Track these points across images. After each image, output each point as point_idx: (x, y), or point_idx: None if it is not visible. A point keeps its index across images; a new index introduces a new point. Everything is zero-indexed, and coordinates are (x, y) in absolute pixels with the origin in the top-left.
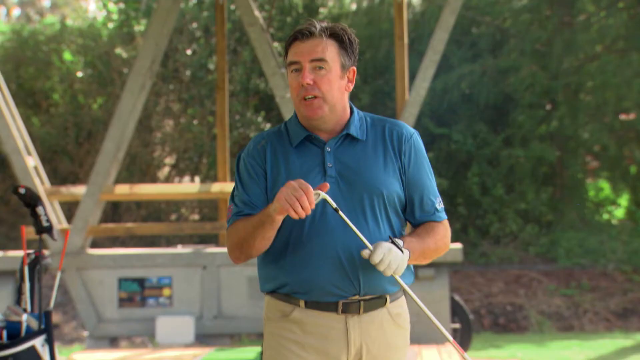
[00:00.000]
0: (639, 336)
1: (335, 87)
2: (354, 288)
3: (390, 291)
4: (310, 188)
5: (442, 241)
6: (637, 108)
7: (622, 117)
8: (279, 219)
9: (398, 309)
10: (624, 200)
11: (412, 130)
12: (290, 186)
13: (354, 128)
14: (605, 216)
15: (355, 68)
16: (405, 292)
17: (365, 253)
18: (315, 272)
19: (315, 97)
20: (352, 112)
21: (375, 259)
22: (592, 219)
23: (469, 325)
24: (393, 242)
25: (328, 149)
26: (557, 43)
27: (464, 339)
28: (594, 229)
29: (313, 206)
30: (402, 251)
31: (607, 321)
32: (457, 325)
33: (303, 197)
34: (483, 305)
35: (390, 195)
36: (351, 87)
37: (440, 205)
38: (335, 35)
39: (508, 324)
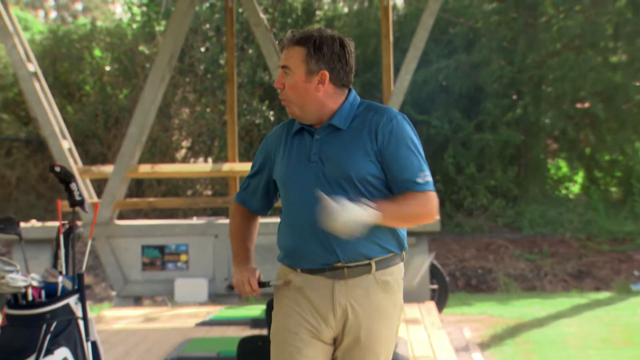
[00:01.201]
0: (592, 295)
1: (299, 90)
2: (333, 257)
3: (373, 256)
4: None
5: (421, 208)
6: (591, 97)
7: (579, 105)
8: None
9: (386, 276)
10: (579, 177)
11: (395, 114)
12: (239, 274)
13: (337, 118)
14: (564, 191)
15: (326, 71)
16: (403, 260)
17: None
18: (299, 245)
19: (285, 99)
20: (345, 102)
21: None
22: (552, 194)
23: (445, 286)
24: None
25: (317, 137)
26: (522, 41)
27: (441, 298)
28: (554, 202)
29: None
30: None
31: (565, 282)
32: (435, 286)
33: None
34: (457, 269)
35: (361, 178)
36: (322, 88)
37: (422, 179)
38: (300, 42)
39: (479, 285)
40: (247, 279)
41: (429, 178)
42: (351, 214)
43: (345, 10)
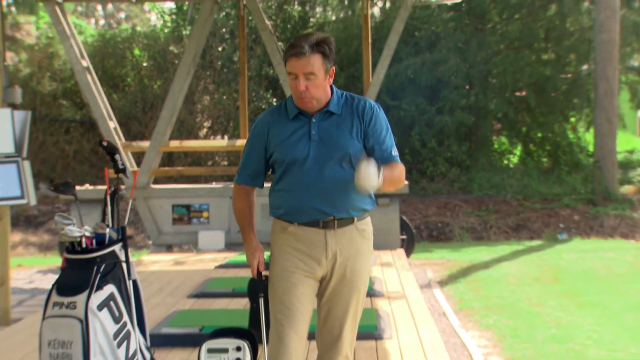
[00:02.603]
0: (527, 243)
1: (321, 87)
2: (329, 212)
3: (355, 214)
4: (256, 263)
5: (402, 174)
6: (527, 87)
7: (517, 94)
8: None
9: (363, 225)
10: (517, 150)
11: (374, 103)
12: (252, 255)
13: (332, 105)
14: (505, 162)
15: (334, 67)
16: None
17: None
18: (302, 204)
19: (309, 98)
20: (332, 92)
21: (362, 169)
22: (496, 164)
23: (412, 236)
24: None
25: (314, 120)
26: (473, 43)
27: (408, 246)
28: (498, 170)
29: (262, 268)
30: (379, 170)
31: (506, 233)
32: (404, 237)
33: (253, 266)
34: (422, 223)
35: (355, 153)
36: (331, 81)
37: (395, 152)
38: (318, 50)
39: (439, 236)
40: (256, 262)
41: (396, 150)
42: (372, 178)
43: (333, 18)
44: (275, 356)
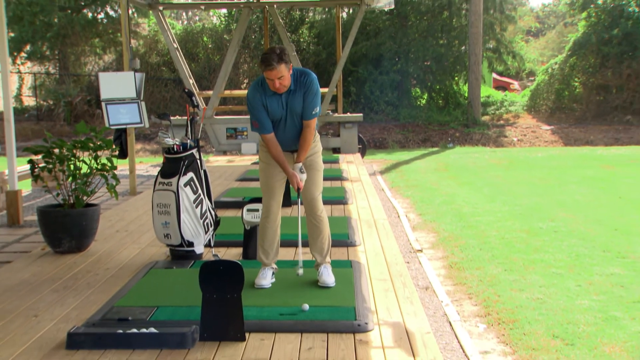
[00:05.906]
0: (430, 149)
1: (287, 80)
2: (293, 149)
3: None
4: (296, 184)
5: (310, 136)
6: (431, 60)
7: (425, 63)
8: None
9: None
10: (425, 96)
11: (313, 76)
12: (295, 179)
13: (292, 84)
14: (419, 102)
15: (291, 64)
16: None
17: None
18: (282, 144)
19: (282, 88)
20: (291, 75)
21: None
22: (413, 104)
23: (365, 146)
24: (301, 170)
25: (282, 97)
26: (399, 33)
27: (363, 151)
28: (414, 108)
29: (301, 186)
30: (303, 171)
31: (418, 144)
32: (360, 146)
33: (295, 185)
34: (371, 138)
35: (301, 115)
36: (291, 71)
37: (314, 112)
38: (282, 60)
39: (380, 146)
40: (297, 179)
41: (317, 110)
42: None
43: (319, 17)
44: (265, 217)
